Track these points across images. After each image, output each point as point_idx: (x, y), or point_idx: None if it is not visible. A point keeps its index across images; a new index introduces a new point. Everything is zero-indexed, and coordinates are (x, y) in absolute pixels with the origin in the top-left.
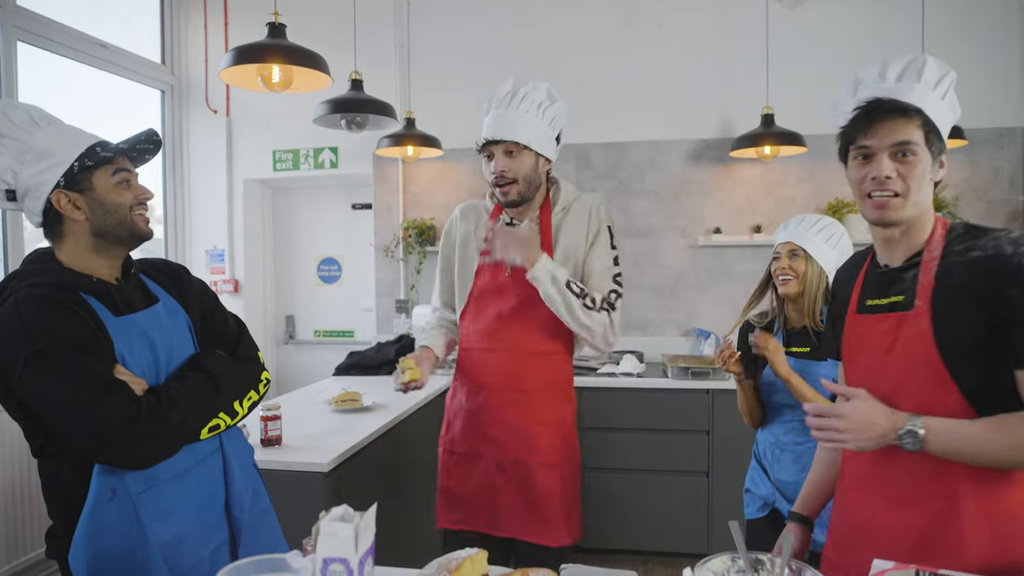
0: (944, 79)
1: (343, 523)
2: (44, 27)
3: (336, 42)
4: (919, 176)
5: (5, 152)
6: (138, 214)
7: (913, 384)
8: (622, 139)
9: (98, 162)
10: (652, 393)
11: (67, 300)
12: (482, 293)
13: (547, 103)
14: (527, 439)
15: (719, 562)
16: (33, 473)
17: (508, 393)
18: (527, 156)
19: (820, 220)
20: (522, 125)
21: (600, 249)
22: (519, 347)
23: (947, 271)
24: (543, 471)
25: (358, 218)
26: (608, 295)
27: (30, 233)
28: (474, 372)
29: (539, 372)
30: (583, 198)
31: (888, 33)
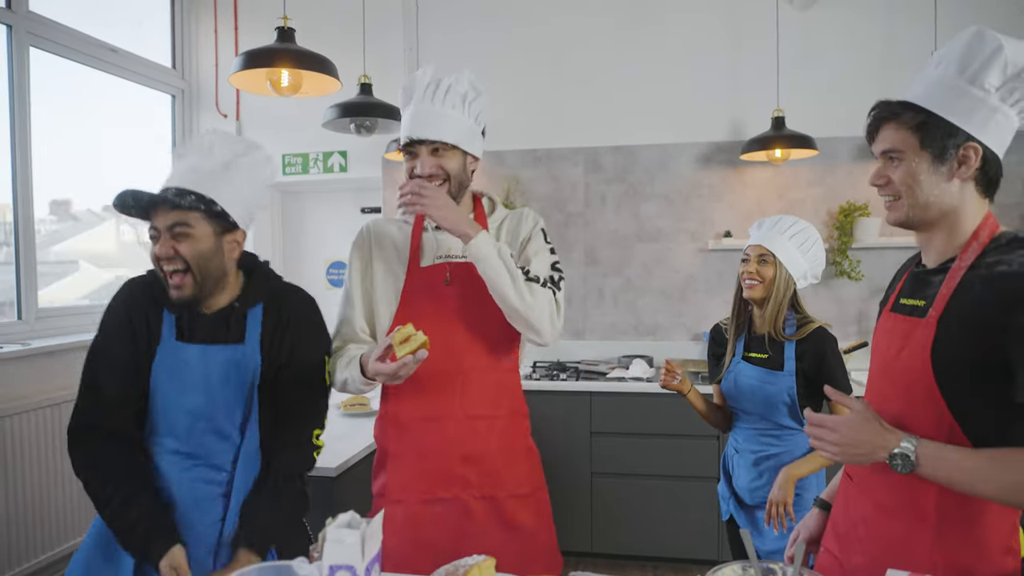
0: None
1: (350, 530)
2: (56, 32)
3: (345, 46)
4: (910, 179)
5: None
6: (167, 275)
7: (908, 395)
8: (632, 142)
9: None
10: (662, 398)
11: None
12: (416, 309)
13: (472, 95)
14: (496, 470)
15: (730, 571)
16: (40, 478)
17: (469, 421)
18: (455, 155)
19: (795, 224)
20: (448, 122)
21: (535, 245)
22: (475, 365)
23: (969, 283)
24: (517, 503)
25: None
26: (550, 275)
27: (43, 237)
28: (420, 401)
29: (499, 391)
30: (516, 211)
31: (900, 36)
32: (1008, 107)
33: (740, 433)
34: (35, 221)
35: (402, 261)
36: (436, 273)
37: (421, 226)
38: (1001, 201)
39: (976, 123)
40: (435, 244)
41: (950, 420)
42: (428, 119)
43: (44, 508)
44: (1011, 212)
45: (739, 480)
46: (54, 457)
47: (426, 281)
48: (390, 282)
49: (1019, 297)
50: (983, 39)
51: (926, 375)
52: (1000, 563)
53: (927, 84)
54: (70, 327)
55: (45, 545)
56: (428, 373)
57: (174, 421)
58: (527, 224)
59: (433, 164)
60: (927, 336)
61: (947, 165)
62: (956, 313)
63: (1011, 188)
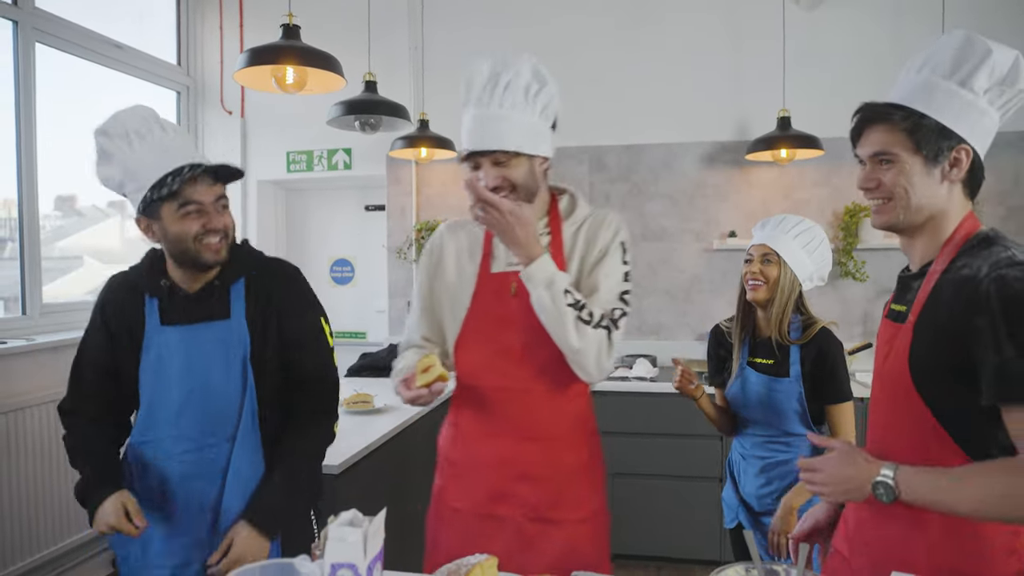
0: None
1: (352, 528)
2: (61, 28)
3: (350, 43)
4: (903, 182)
5: (114, 167)
6: (206, 243)
7: (894, 400)
8: (637, 141)
9: (163, 196)
10: (665, 398)
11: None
12: (482, 319)
13: (535, 87)
14: (554, 493)
15: (733, 572)
16: (43, 473)
17: (527, 442)
18: (520, 163)
19: (800, 223)
20: (509, 126)
21: (611, 262)
22: (535, 385)
23: (940, 287)
24: (574, 528)
25: (371, 219)
26: (611, 311)
27: (47, 232)
28: (481, 415)
29: (561, 414)
30: (599, 214)
31: (907, 37)
32: (994, 110)
33: (747, 439)
34: (40, 217)
35: (474, 264)
36: (504, 281)
37: None
38: (1011, 204)
39: (967, 125)
40: (506, 249)
41: (933, 423)
42: (487, 126)
43: (48, 503)
44: (1019, 215)
45: (746, 486)
46: (58, 452)
47: (494, 289)
48: (460, 286)
49: (977, 300)
50: (973, 43)
51: (905, 379)
52: (1004, 566)
53: (915, 86)
54: (74, 322)
55: (49, 540)
56: (491, 388)
57: (167, 405)
58: (606, 234)
59: (496, 176)
60: (905, 341)
61: (940, 167)
62: (930, 318)
63: (1019, 191)
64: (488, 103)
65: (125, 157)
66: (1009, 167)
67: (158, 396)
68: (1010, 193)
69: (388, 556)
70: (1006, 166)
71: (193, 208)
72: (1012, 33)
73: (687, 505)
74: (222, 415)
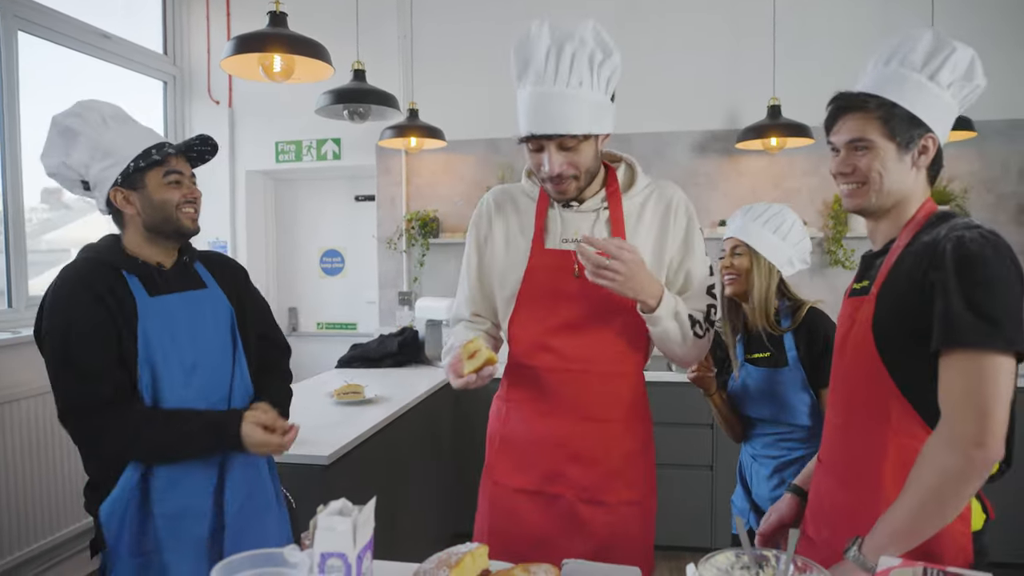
0: (933, 60)
1: (341, 517)
2: (45, 17)
3: (338, 32)
4: (878, 167)
5: (80, 148)
6: (184, 212)
7: (856, 368)
8: (628, 131)
9: (150, 163)
10: (656, 387)
11: (105, 277)
12: (538, 297)
13: (599, 56)
14: (607, 476)
15: (723, 558)
16: (30, 467)
17: (583, 423)
18: (588, 144)
19: (767, 209)
20: (576, 107)
21: (698, 255)
22: (593, 367)
23: (904, 257)
24: (625, 510)
25: (361, 210)
26: (707, 311)
27: (34, 226)
28: (535, 394)
29: (618, 396)
30: (662, 186)
31: (897, 24)
32: (955, 103)
33: (757, 441)
34: (26, 209)
35: (526, 238)
36: (563, 260)
37: (547, 201)
38: (1000, 191)
39: (934, 115)
40: (560, 223)
41: (895, 391)
42: (552, 107)
43: (34, 497)
44: (1008, 202)
45: (759, 489)
46: (44, 445)
47: (551, 266)
48: (509, 262)
49: (935, 258)
50: (940, 41)
51: (869, 346)
52: (950, 528)
53: (886, 78)
54: None
55: (35, 534)
56: (546, 368)
57: (172, 373)
58: (681, 218)
59: (562, 162)
60: (869, 311)
61: (910, 154)
62: (891, 286)
63: (1007, 179)
64: (553, 80)
65: (99, 137)
66: (998, 155)
67: (166, 364)
68: (999, 180)
69: (378, 545)
70: (994, 154)
71: (175, 177)
72: (1000, 16)
73: (677, 493)
74: (217, 380)
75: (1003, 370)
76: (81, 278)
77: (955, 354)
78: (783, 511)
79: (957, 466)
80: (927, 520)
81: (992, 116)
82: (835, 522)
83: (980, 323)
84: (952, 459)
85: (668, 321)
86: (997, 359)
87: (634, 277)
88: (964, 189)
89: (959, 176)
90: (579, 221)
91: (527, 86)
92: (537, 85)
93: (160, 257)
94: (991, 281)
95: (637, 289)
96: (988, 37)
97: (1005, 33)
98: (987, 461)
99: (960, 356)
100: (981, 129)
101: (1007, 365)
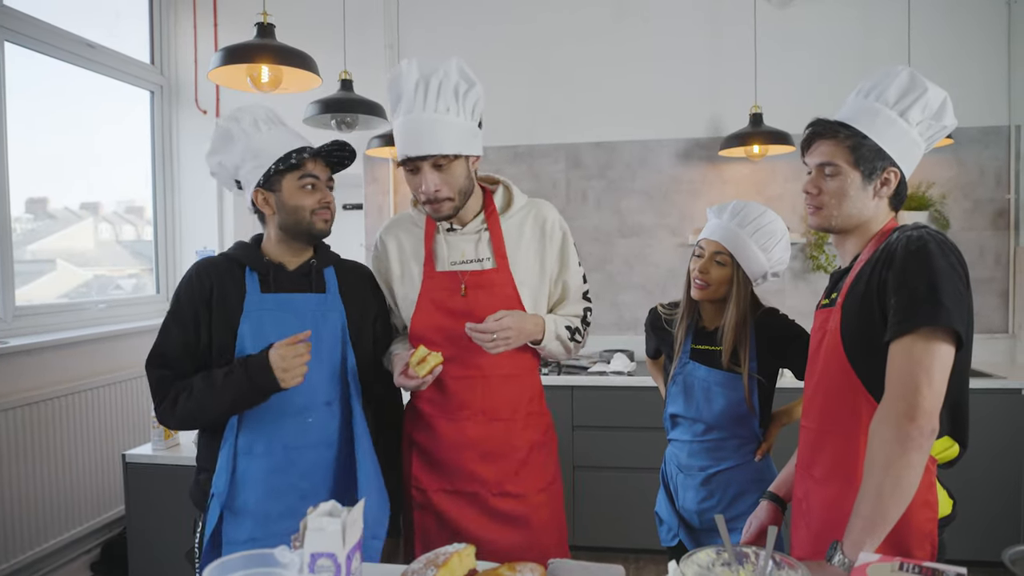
0: (906, 98)
1: (331, 518)
2: (31, 27)
3: (325, 42)
4: (840, 192)
5: (234, 151)
6: (318, 216)
7: (830, 378)
8: (612, 138)
9: (289, 167)
10: (642, 392)
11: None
12: (433, 314)
13: (463, 86)
14: (516, 469)
15: (704, 555)
16: (16, 478)
17: (489, 424)
18: (459, 164)
19: (760, 217)
20: (445, 130)
21: (573, 267)
22: (488, 372)
23: (865, 268)
24: (537, 498)
25: (349, 219)
26: (584, 315)
27: (19, 235)
28: (442, 401)
29: (517, 396)
30: (539, 205)
31: (876, 33)
32: (923, 140)
33: (682, 448)
34: (11, 219)
35: (418, 264)
36: (451, 281)
37: (434, 228)
38: (976, 197)
39: (899, 149)
40: (447, 248)
41: (865, 395)
42: (423, 130)
43: (20, 509)
44: (985, 208)
45: (685, 501)
46: (31, 456)
47: (442, 287)
48: (408, 287)
49: (887, 259)
50: (915, 80)
51: (838, 351)
52: (920, 515)
53: (861, 110)
54: (47, 325)
55: (21, 546)
56: (451, 377)
57: None
58: (556, 233)
59: (437, 181)
60: (836, 319)
61: (872, 184)
62: (855, 293)
63: (984, 184)
64: (422, 107)
65: (250, 139)
66: (975, 161)
67: None
68: (976, 185)
69: None
70: (972, 160)
71: (310, 181)
72: (976, 24)
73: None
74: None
75: (937, 350)
76: (201, 270)
77: (901, 340)
78: (762, 518)
79: (895, 439)
80: (889, 498)
81: (968, 123)
82: (812, 522)
83: (923, 306)
84: (889, 432)
85: (552, 344)
86: (933, 340)
87: (521, 331)
88: (942, 195)
89: (938, 182)
90: (463, 243)
91: (400, 115)
92: (408, 113)
93: (288, 257)
94: (934, 270)
95: (527, 335)
96: (964, 46)
97: (980, 42)
98: (921, 432)
99: (903, 340)
100: (957, 136)
101: (943, 346)
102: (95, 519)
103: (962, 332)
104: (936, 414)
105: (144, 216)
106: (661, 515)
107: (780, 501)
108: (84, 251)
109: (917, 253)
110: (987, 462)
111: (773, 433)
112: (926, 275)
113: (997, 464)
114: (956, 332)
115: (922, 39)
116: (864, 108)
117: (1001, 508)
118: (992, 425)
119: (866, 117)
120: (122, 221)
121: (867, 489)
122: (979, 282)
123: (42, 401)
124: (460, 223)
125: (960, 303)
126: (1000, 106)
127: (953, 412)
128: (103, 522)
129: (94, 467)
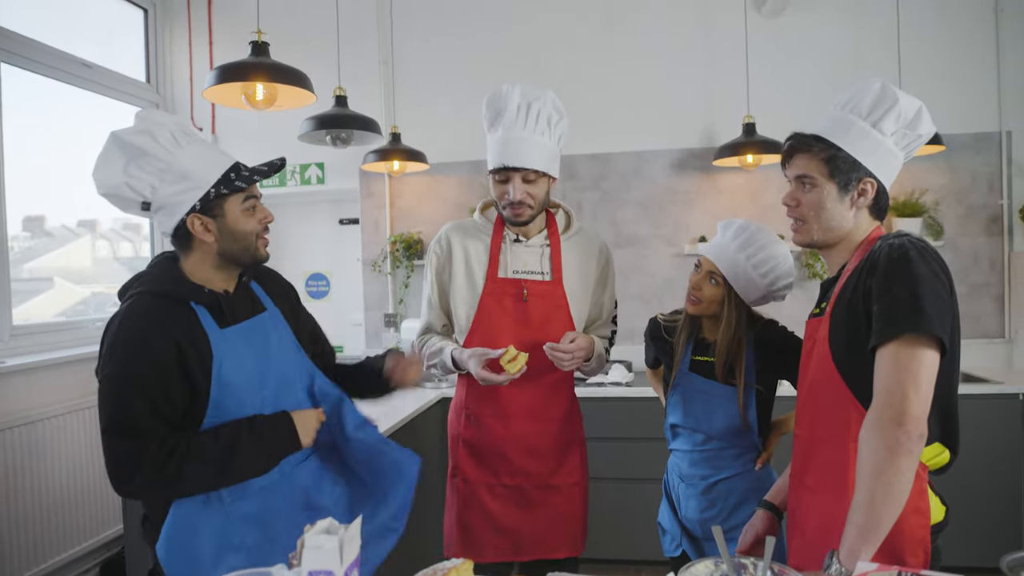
0: (877, 109)
1: (328, 535)
2: (27, 47)
3: (319, 58)
4: (817, 204)
5: (148, 169)
6: (261, 240)
7: (820, 387)
8: (607, 150)
9: (232, 190)
10: (642, 402)
11: (172, 313)
12: (493, 318)
13: (556, 117)
14: (555, 464)
15: (703, 567)
16: (13, 500)
17: (534, 423)
18: (542, 181)
19: (765, 247)
20: (538, 150)
21: (610, 291)
22: (540, 376)
23: (851, 277)
24: (569, 491)
25: (345, 233)
26: (611, 336)
27: (16, 254)
28: (491, 401)
29: (559, 398)
30: (587, 229)
31: (865, 41)
32: (899, 150)
33: (683, 457)
34: (8, 238)
35: (481, 267)
36: (514, 287)
37: (500, 236)
38: (969, 203)
39: (874, 160)
40: (511, 255)
41: (854, 401)
42: (520, 147)
43: (18, 528)
44: (978, 214)
45: (687, 511)
46: (29, 476)
47: (504, 292)
48: (468, 286)
49: (871, 267)
50: (886, 92)
51: (827, 360)
52: (912, 522)
53: (836, 122)
54: (45, 344)
55: (19, 566)
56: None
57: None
58: (601, 258)
59: (524, 191)
60: (825, 329)
61: (849, 195)
62: (842, 303)
63: (976, 190)
64: (522, 127)
65: (173, 157)
66: (967, 167)
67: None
68: (968, 191)
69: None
70: (964, 167)
71: (252, 203)
72: (965, 31)
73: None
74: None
75: (922, 356)
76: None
77: (886, 347)
78: (758, 527)
79: (884, 445)
80: (881, 505)
81: (960, 130)
82: (806, 532)
83: (906, 313)
84: (878, 439)
85: (596, 362)
86: (917, 346)
87: (585, 349)
88: (936, 201)
89: (931, 189)
90: (527, 255)
91: (500, 130)
92: (509, 130)
93: (225, 283)
94: (916, 277)
95: (587, 355)
96: (954, 54)
97: (970, 50)
98: (909, 438)
99: (888, 347)
100: (949, 143)
101: (927, 352)
102: (93, 539)
103: (944, 338)
104: (924, 419)
105: (141, 233)
106: (664, 525)
107: (776, 510)
108: (82, 268)
109: (898, 261)
110: (985, 467)
111: (773, 442)
112: (907, 282)
113: (995, 469)
114: (939, 338)
115: (912, 48)
116: (839, 121)
117: (999, 514)
118: (989, 430)
119: (840, 129)
120: (119, 238)
121: (859, 497)
122: (975, 287)
123: (40, 420)
124: (526, 236)
125: (942, 309)
126: (991, 112)
127: (942, 418)
128: (101, 541)
129: (92, 486)
